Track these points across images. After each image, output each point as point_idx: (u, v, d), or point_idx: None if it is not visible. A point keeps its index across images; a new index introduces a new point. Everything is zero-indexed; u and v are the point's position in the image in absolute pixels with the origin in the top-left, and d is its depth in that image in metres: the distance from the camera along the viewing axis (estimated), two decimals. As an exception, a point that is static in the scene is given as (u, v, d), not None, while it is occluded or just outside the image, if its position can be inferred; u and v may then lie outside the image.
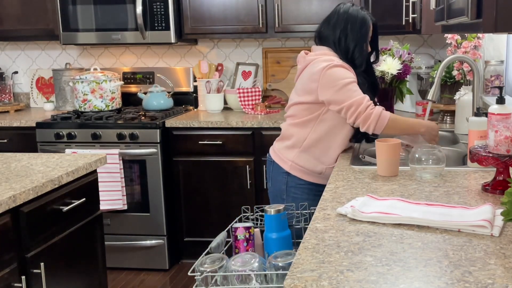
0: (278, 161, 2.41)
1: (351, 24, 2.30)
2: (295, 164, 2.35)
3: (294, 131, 2.35)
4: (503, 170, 1.70)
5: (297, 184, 2.36)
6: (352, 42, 2.30)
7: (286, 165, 2.37)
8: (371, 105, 2.17)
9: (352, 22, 2.31)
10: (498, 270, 1.16)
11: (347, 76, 2.20)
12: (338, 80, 2.19)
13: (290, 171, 2.37)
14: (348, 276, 1.16)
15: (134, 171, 3.56)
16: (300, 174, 2.35)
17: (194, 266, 1.63)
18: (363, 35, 2.31)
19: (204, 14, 3.73)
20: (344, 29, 2.31)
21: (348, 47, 2.30)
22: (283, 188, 2.39)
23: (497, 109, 1.79)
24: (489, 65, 2.88)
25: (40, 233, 2.03)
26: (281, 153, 2.41)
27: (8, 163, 2.33)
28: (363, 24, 2.31)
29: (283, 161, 2.39)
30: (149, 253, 3.63)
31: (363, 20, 2.31)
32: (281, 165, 2.39)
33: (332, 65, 2.21)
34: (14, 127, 3.73)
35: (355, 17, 2.31)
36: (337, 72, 2.21)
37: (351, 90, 2.18)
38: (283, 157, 2.39)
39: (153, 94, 3.90)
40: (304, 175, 2.35)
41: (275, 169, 2.43)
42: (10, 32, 3.98)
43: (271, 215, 1.85)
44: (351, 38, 2.30)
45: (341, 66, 2.23)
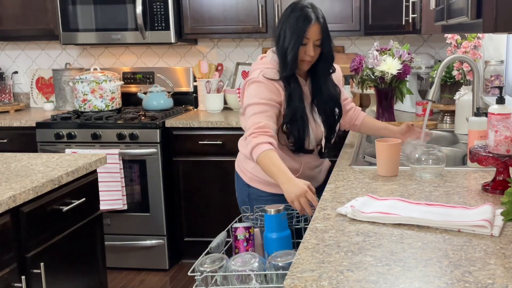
0: (239, 172, 2.33)
1: (289, 21, 2.11)
2: (254, 175, 2.25)
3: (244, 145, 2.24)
4: (503, 170, 1.70)
5: (258, 196, 2.24)
6: (287, 40, 2.10)
7: (246, 177, 2.29)
8: (254, 133, 2.02)
9: (291, 19, 2.11)
10: (498, 270, 1.16)
11: (253, 97, 2.10)
12: (246, 98, 2.14)
13: (249, 183, 2.27)
14: (348, 276, 1.16)
15: (134, 171, 3.56)
16: (260, 185, 2.24)
17: (194, 266, 1.63)
18: (298, 34, 2.08)
19: (204, 14, 3.73)
20: (284, 26, 2.12)
21: (285, 45, 2.11)
22: (246, 200, 2.29)
23: (497, 109, 1.79)
24: (489, 65, 2.88)
25: (40, 233, 2.03)
26: (241, 164, 2.32)
27: (8, 163, 2.33)
28: (299, 21, 2.08)
29: (243, 172, 2.30)
30: (149, 253, 3.63)
31: (300, 17, 2.09)
32: (242, 176, 2.31)
33: (251, 81, 2.15)
34: (14, 127, 3.73)
35: (295, 13, 2.11)
36: (249, 90, 2.14)
37: (248, 113, 2.09)
38: (243, 168, 2.31)
39: (153, 94, 3.90)
40: (264, 186, 2.23)
41: (238, 180, 2.36)
42: (10, 32, 3.98)
43: (271, 215, 1.85)
44: (288, 35, 2.10)
45: (257, 82, 2.13)
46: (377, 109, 3.06)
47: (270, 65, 2.18)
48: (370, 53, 2.96)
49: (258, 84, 2.13)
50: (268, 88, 2.12)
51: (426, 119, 2.46)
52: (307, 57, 2.13)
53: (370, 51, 2.97)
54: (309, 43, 2.10)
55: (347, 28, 3.58)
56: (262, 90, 2.11)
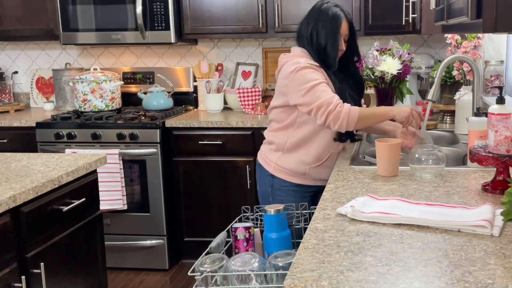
0: (263, 163, 2.43)
1: (322, 21, 2.28)
2: (278, 166, 2.36)
3: (275, 136, 2.37)
4: (503, 170, 1.70)
5: (282, 186, 2.36)
6: (323, 39, 2.27)
7: (270, 167, 2.39)
8: (340, 103, 2.15)
9: (323, 19, 2.28)
10: (498, 270, 1.16)
11: (314, 78, 2.19)
12: (305, 83, 2.19)
13: (274, 173, 2.37)
14: (348, 276, 1.16)
15: (134, 171, 3.56)
16: (284, 175, 2.36)
17: (194, 266, 1.63)
18: (333, 32, 2.27)
19: (204, 14, 3.73)
20: (316, 25, 2.29)
21: (320, 44, 2.28)
22: (268, 190, 2.40)
23: (497, 109, 1.79)
24: (489, 65, 2.88)
25: (40, 233, 2.03)
26: (265, 156, 2.42)
27: (8, 163, 2.33)
28: (333, 20, 2.27)
29: (267, 163, 2.40)
30: (149, 253, 3.63)
31: (333, 16, 2.27)
32: (266, 167, 2.41)
33: (299, 67, 2.21)
34: (14, 127, 3.73)
35: (326, 13, 2.28)
36: (304, 75, 2.20)
37: (318, 91, 2.17)
38: (267, 159, 2.41)
39: (153, 94, 3.90)
40: (288, 177, 2.35)
41: (261, 172, 2.45)
42: (10, 32, 3.98)
43: (271, 215, 1.85)
44: (322, 34, 2.27)
45: (308, 67, 2.22)
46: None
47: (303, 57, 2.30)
48: (370, 53, 2.96)
49: (311, 70, 2.23)
50: (320, 72, 2.25)
51: (426, 119, 2.46)
52: (339, 52, 2.31)
53: (370, 51, 2.97)
54: (341, 39, 2.30)
55: (347, 28, 3.57)
56: (317, 73, 2.23)
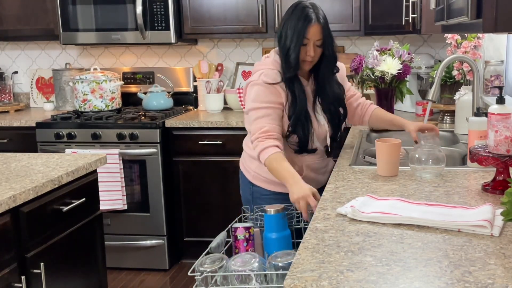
0: (243, 170, 2.36)
1: (291, 21, 2.11)
2: (258, 174, 2.27)
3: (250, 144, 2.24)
4: (503, 170, 1.70)
5: (262, 194, 2.27)
6: (289, 41, 2.10)
7: (250, 175, 2.31)
8: (261, 138, 2.06)
9: (292, 19, 2.11)
10: (498, 270, 1.16)
11: (257, 100, 2.11)
12: (248, 101, 2.15)
13: (253, 181, 2.30)
14: (348, 276, 1.16)
15: (134, 171, 3.56)
16: (263, 184, 2.27)
17: (194, 266, 1.63)
18: (298, 34, 2.08)
19: (204, 14, 3.73)
20: (285, 25, 2.13)
21: (286, 45, 2.11)
22: (249, 198, 2.32)
23: (497, 109, 1.79)
24: (489, 65, 2.88)
25: (40, 233, 2.03)
26: (245, 163, 2.35)
27: (8, 163, 2.33)
28: (300, 21, 2.08)
29: (247, 171, 2.33)
30: (149, 253, 3.63)
31: (301, 17, 2.09)
32: (246, 175, 2.34)
33: (252, 83, 2.16)
34: (14, 127, 3.73)
35: (296, 13, 2.11)
36: (251, 94, 2.14)
37: (252, 117, 2.11)
38: (247, 166, 2.33)
39: (153, 94, 3.90)
40: (267, 185, 2.26)
41: (242, 179, 2.38)
42: (10, 32, 3.98)
43: (271, 215, 1.85)
44: (289, 36, 2.10)
45: (259, 84, 2.13)
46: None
47: (271, 65, 2.18)
48: (370, 53, 2.96)
49: (259, 87, 2.13)
50: (269, 90, 2.13)
51: (426, 119, 2.46)
52: (307, 57, 2.13)
53: (370, 51, 2.98)
54: (310, 44, 2.10)
55: (347, 28, 3.58)
56: (263, 93, 2.12)
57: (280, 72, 2.15)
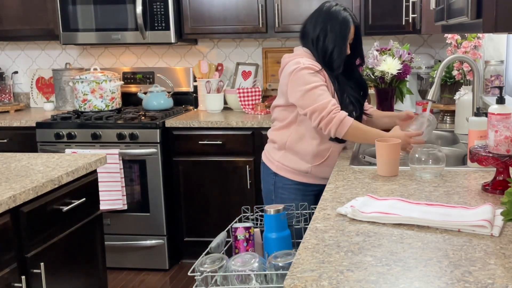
0: (267, 162, 2.44)
1: (331, 24, 2.26)
2: (281, 164, 2.37)
3: (278, 134, 2.38)
4: (503, 170, 1.70)
5: (284, 184, 2.37)
6: (331, 43, 2.26)
7: (273, 166, 2.40)
8: (334, 109, 2.16)
9: (333, 22, 2.26)
10: (498, 270, 1.16)
11: (312, 81, 2.19)
12: (303, 85, 2.19)
13: (277, 172, 2.39)
14: (348, 276, 1.16)
15: (134, 171, 3.56)
16: (286, 174, 2.37)
17: (194, 266, 1.63)
18: (342, 37, 2.26)
19: (204, 14, 3.73)
20: (324, 28, 2.27)
21: (327, 47, 2.27)
22: (271, 188, 2.41)
23: (497, 109, 1.79)
24: (489, 65, 2.88)
25: (40, 233, 2.03)
26: (269, 154, 2.44)
27: (8, 163, 2.33)
28: (343, 25, 2.26)
29: (271, 161, 2.42)
30: (149, 253, 3.63)
31: (343, 21, 2.27)
32: (269, 165, 2.42)
33: (299, 68, 2.21)
34: (14, 127, 3.73)
35: (336, 17, 2.27)
36: (303, 76, 2.20)
37: (315, 95, 2.18)
38: (270, 158, 2.42)
39: (153, 94, 3.91)
40: (291, 175, 2.36)
41: (264, 170, 2.47)
42: (10, 32, 3.98)
43: (271, 215, 1.85)
44: (330, 38, 2.26)
45: (307, 68, 2.22)
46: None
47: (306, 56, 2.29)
48: (370, 53, 2.96)
49: (307, 71, 2.22)
50: (317, 72, 2.24)
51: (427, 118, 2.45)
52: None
53: (370, 51, 2.98)
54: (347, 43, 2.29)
55: (347, 28, 3.57)
56: (316, 75, 2.23)
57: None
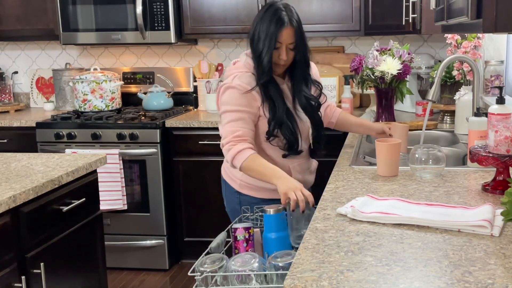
0: (228, 180, 2.27)
1: (262, 23, 2.05)
2: (244, 182, 2.20)
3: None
4: (503, 170, 1.70)
5: (250, 202, 2.15)
6: (261, 44, 2.04)
7: (236, 184, 2.23)
8: (232, 142, 2.01)
9: (265, 21, 2.05)
10: (498, 270, 1.16)
11: (231, 103, 2.05)
12: (221, 105, 2.10)
13: (240, 190, 2.22)
14: (348, 276, 1.16)
15: (134, 171, 3.56)
16: (250, 192, 2.20)
17: (194, 266, 1.63)
18: (270, 37, 2.02)
19: (204, 14, 3.73)
20: (257, 27, 2.07)
21: (258, 49, 2.06)
22: (237, 208, 2.21)
23: (497, 109, 1.79)
24: (489, 65, 2.88)
25: (40, 233, 2.03)
26: (230, 172, 2.25)
27: (8, 163, 2.33)
28: (272, 24, 2.02)
29: (233, 180, 2.24)
30: (149, 253, 3.63)
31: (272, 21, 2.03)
32: (231, 184, 2.25)
33: (226, 86, 2.09)
34: (14, 127, 3.73)
35: (269, 15, 2.04)
36: (224, 97, 2.09)
37: (225, 119, 2.06)
38: (232, 175, 2.25)
39: (153, 94, 3.91)
40: (255, 192, 2.19)
41: (227, 188, 2.30)
42: (10, 32, 3.98)
43: (270, 215, 1.85)
44: (261, 38, 2.04)
45: (233, 88, 2.07)
46: (377, 109, 3.06)
47: (245, 68, 2.12)
48: (370, 53, 2.96)
49: (233, 90, 2.07)
50: (244, 94, 2.06)
51: (426, 119, 2.46)
52: (280, 61, 2.08)
53: (370, 51, 2.97)
54: (282, 47, 2.05)
55: (347, 28, 3.58)
56: (237, 97, 2.06)
57: (254, 74, 2.09)
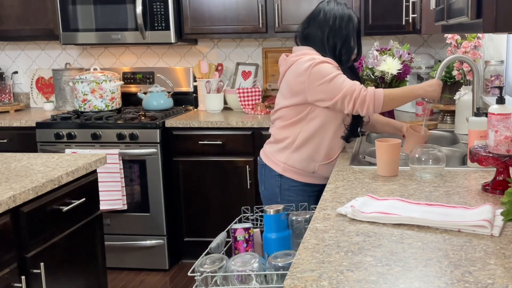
0: (270, 164, 2.37)
1: (339, 22, 2.30)
2: (288, 165, 2.32)
3: (284, 133, 2.33)
4: (503, 170, 1.70)
5: (291, 186, 2.33)
6: (340, 40, 2.30)
7: (279, 168, 2.34)
8: (363, 88, 2.18)
9: (340, 20, 2.30)
10: (498, 270, 1.16)
11: (331, 71, 2.19)
12: (324, 77, 2.18)
13: (283, 173, 2.33)
14: (348, 276, 1.16)
15: (134, 171, 3.56)
16: (293, 175, 2.32)
17: (194, 267, 1.63)
18: (349, 32, 2.31)
19: (204, 14, 3.73)
20: (333, 27, 2.30)
21: (336, 44, 2.30)
22: (276, 191, 2.36)
23: (497, 109, 1.79)
24: (489, 65, 2.88)
25: (40, 233, 2.03)
26: (272, 156, 2.37)
27: (8, 163, 2.33)
28: (349, 21, 2.32)
29: (275, 163, 2.35)
30: (149, 253, 3.63)
31: (349, 17, 2.32)
32: (273, 167, 2.36)
33: (315, 63, 2.20)
34: (14, 127, 3.73)
35: (342, 14, 2.31)
36: (322, 69, 2.19)
37: (338, 82, 2.18)
38: (274, 159, 2.36)
39: (153, 94, 3.91)
40: (298, 176, 2.32)
41: (267, 172, 2.40)
42: (10, 32, 3.98)
43: (270, 215, 1.85)
44: (339, 35, 2.30)
45: (323, 62, 2.22)
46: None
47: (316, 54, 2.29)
48: (370, 53, 2.96)
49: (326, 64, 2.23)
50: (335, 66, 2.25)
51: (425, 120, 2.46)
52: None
53: (370, 51, 2.97)
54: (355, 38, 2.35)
55: (347, 28, 3.57)
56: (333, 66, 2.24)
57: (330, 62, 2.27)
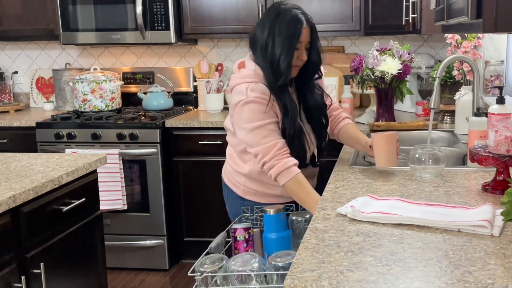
0: (231, 185, 2.20)
1: (279, 25, 1.96)
2: (248, 188, 2.14)
3: (235, 159, 2.16)
4: (503, 170, 1.70)
5: (255, 207, 2.11)
6: (279, 47, 1.96)
7: (239, 190, 2.17)
8: (277, 156, 1.94)
9: (281, 23, 1.96)
10: (498, 270, 1.16)
11: (258, 118, 1.96)
12: (248, 122, 1.97)
13: (244, 196, 2.16)
14: (348, 276, 1.16)
15: (134, 171, 3.56)
16: (255, 197, 2.14)
17: (194, 267, 1.63)
18: (290, 38, 1.95)
19: (204, 14, 3.73)
20: (272, 30, 1.97)
21: (275, 53, 1.96)
22: (240, 213, 2.14)
23: (497, 109, 1.79)
24: (489, 65, 2.88)
25: (40, 233, 2.03)
26: (231, 177, 2.20)
27: (8, 163, 2.33)
28: (291, 25, 1.96)
29: (235, 185, 2.18)
30: (149, 253, 3.63)
31: (291, 21, 1.96)
32: (234, 189, 2.19)
33: (244, 102, 1.97)
34: (14, 127, 3.73)
35: (284, 16, 1.96)
36: (248, 112, 1.97)
37: (259, 136, 1.96)
38: (234, 181, 2.18)
39: (153, 94, 3.91)
40: (260, 198, 2.13)
41: (229, 193, 2.23)
42: (10, 32, 3.98)
43: (270, 215, 1.85)
44: (278, 41, 1.96)
45: (253, 102, 1.97)
46: (377, 109, 3.07)
47: (255, 78, 2.02)
48: (370, 53, 2.96)
49: (253, 105, 1.98)
50: (265, 105, 1.98)
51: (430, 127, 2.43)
52: (299, 62, 2.02)
53: (370, 51, 2.98)
54: (301, 47, 2.00)
55: (347, 28, 3.58)
56: (261, 110, 1.97)
57: (265, 84, 2.00)
